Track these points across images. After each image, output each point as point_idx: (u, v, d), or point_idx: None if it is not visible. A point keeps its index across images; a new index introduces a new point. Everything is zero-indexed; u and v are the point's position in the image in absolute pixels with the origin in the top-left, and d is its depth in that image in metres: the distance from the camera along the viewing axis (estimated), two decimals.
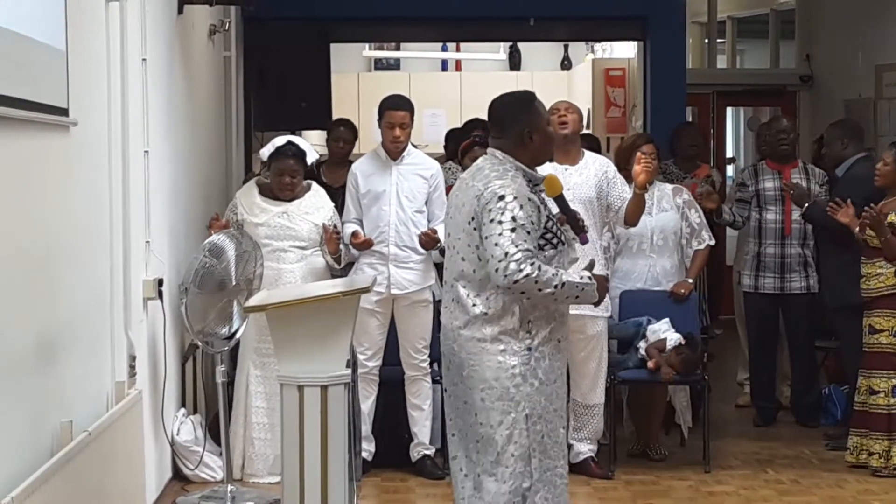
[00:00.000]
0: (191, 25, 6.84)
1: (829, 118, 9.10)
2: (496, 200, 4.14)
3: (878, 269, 6.36)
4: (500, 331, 4.21)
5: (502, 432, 4.23)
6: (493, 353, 4.22)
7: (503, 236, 4.09)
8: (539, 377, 4.24)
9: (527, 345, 4.22)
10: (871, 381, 6.39)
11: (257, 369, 6.24)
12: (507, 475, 4.24)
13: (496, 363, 4.22)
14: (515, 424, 4.22)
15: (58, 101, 4.16)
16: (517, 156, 4.30)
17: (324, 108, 8.46)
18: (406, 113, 6.35)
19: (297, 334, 4.51)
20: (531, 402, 4.23)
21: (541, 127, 4.34)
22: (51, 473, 3.81)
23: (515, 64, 13.50)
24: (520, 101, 4.41)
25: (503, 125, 4.36)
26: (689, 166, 8.05)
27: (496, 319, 4.21)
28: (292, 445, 4.47)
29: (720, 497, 6.10)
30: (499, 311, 4.20)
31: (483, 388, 4.24)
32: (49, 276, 4.15)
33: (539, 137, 4.32)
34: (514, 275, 4.05)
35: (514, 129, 4.31)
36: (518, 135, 4.30)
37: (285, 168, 6.27)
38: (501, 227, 4.10)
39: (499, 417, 4.23)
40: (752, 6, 12.36)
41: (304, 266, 6.25)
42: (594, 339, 6.33)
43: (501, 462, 4.24)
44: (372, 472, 6.35)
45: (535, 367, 4.23)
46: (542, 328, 4.24)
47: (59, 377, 4.24)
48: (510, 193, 4.15)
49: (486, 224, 4.14)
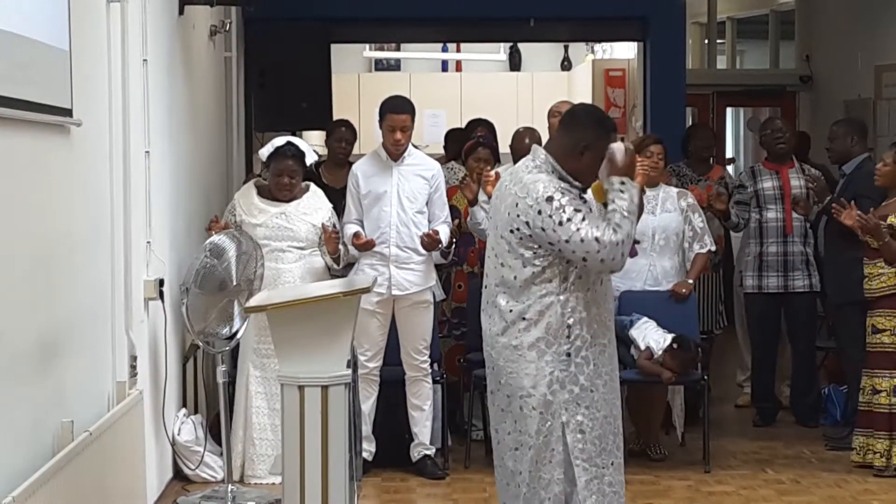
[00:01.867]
0: (191, 26, 6.85)
1: (828, 119, 9.10)
2: (546, 204, 4.08)
3: (880, 270, 6.37)
4: (538, 337, 4.16)
5: (539, 440, 4.18)
6: (529, 360, 4.16)
7: (581, 230, 4.04)
8: (580, 383, 4.17)
9: (566, 350, 4.16)
10: (873, 381, 6.40)
11: (257, 370, 6.25)
12: (545, 483, 4.18)
13: (533, 370, 4.16)
14: (552, 431, 4.17)
15: (62, 102, 4.17)
16: (561, 161, 4.21)
17: (324, 108, 8.46)
18: (408, 116, 6.35)
19: (298, 334, 4.51)
20: (569, 409, 4.16)
21: (598, 151, 4.19)
22: (52, 473, 3.82)
23: (516, 64, 13.51)
24: (600, 119, 4.33)
25: (570, 126, 4.27)
26: (703, 168, 8.05)
27: (533, 326, 4.16)
28: (293, 445, 4.48)
29: (720, 497, 6.11)
30: (535, 318, 4.15)
31: (521, 396, 4.19)
32: (50, 277, 4.16)
33: (590, 157, 4.19)
34: (616, 249, 4.04)
35: (576, 136, 4.22)
36: (575, 142, 4.20)
37: (284, 168, 6.28)
38: (572, 223, 4.05)
39: (535, 426, 4.18)
40: (752, 7, 12.37)
41: (302, 266, 6.26)
42: None
43: (541, 470, 4.19)
44: (372, 472, 6.36)
45: (575, 373, 4.16)
46: (583, 333, 4.18)
47: (61, 377, 4.25)
48: (554, 191, 4.09)
49: (555, 229, 4.07)
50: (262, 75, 8.33)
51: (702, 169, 8.04)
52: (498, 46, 13.20)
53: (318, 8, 8.76)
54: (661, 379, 6.45)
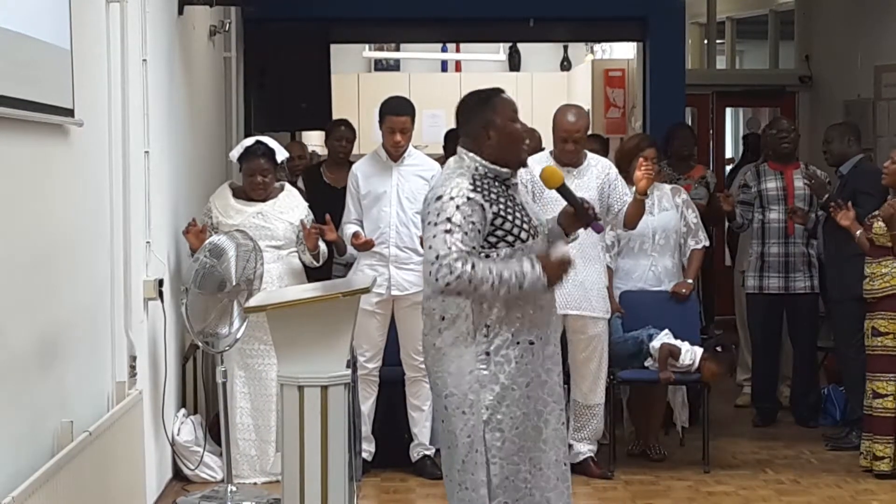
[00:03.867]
0: (191, 26, 6.85)
1: (828, 119, 9.11)
2: (434, 202, 4.07)
3: (884, 269, 6.32)
4: (456, 336, 4.12)
5: (464, 439, 4.15)
6: (451, 358, 4.13)
7: (437, 238, 3.99)
8: (501, 382, 4.12)
9: (484, 349, 4.12)
10: (874, 385, 6.34)
11: (241, 370, 6.23)
12: (473, 483, 4.14)
13: (455, 369, 4.13)
14: (475, 431, 4.13)
15: (64, 102, 4.16)
16: (480, 153, 4.16)
17: (324, 108, 8.47)
18: (407, 118, 6.35)
19: (298, 334, 4.51)
20: (490, 408, 4.12)
21: (498, 124, 4.14)
22: (51, 473, 3.81)
23: (515, 65, 13.51)
24: (479, 97, 4.25)
25: (463, 122, 4.26)
26: (683, 167, 8.04)
27: (451, 324, 4.13)
28: (292, 445, 4.47)
29: (719, 497, 6.11)
30: (453, 316, 4.12)
31: (446, 396, 4.17)
32: (50, 277, 4.16)
33: (497, 134, 4.14)
34: (446, 277, 3.94)
35: (473, 126, 4.18)
36: (476, 132, 4.16)
37: (256, 167, 6.27)
38: (436, 228, 4.01)
39: (460, 424, 4.14)
40: (752, 7, 12.36)
41: (280, 266, 6.24)
42: (595, 340, 6.33)
43: (467, 469, 4.15)
44: (372, 472, 6.36)
45: (495, 371, 4.12)
46: (503, 331, 4.12)
47: (60, 377, 4.25)
48: (447, 194, 4.05)
49: (425, 227, 4.08)
50: (261, 75, 8.33)
51: (682, 168, 8.03)
52: (497, 46, 13.20)
53: (317, 8, 8.76)
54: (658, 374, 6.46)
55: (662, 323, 6.63)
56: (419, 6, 8.97)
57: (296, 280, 6.28)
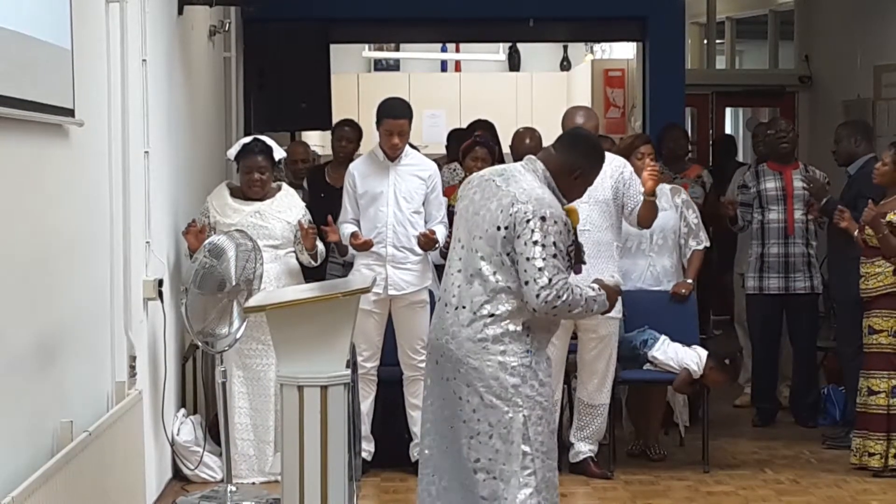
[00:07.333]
0: (191, 26, 6.85)
1: (828, 119, 9.11)
2: (539, 220, 4.13)
3: (877, 269, 6.37)
4: (502, 331, 4.19)
5: (500, 430, 4.18)
6: (493, 352, 4.19)
7: (546, 261, 4.11)
8: (539, 378, 4.22)
9: (526, 347, 4.21)
10: (869, 382, 6.39)
11: (239, 370, 6.23)
12: (507, 475, 4.17)
13: (496, 362, 4.19)
14: (512, 423, 4.17)
15: (64, 102, 4.17)
16: (555, 175, 4.32)
17: (324, 108, 8.47)
18: (405, 121, 6.33)
19: (297, 334, 4.51)
20: (530, 403, 4.20)
21: (589, 178, 4.42)
22: (51, 473, 3.81)
23: (515, 65, 13.52)
24: (597, 147, 4.49)
25: (571, 149, 4.39)
26: (677, 167, 8.04)
27: (498, 321, 4.19)
28: (292, 445, 4.47)
29: (719, 497, 6.11)
30: (505, 315, 4.19)
31: (483, 387, 4.19)
32: (50, 277, 4.16)
33: (580, 183, 4.39)
34: (555, 301, 4.10)
35: (573, 160, 4.34)
36: (570, 166, 4.33)
37: (253, 165, 6.27)
38: (545, 251, 4.11)
39: (498, 417, 4.18)
40: (751, 7, 12.37)
41: (277, 266, 6.24)
42: (606, 339, 6.35)
43: (502, 461, 4.17)
44: (371, 472, 6.36)
45: (535, 368, 4.22)
46: (538, 335, 4.26)
47: (60, 377, 4.25)
48: (553, 216, 4.16)
49: (528, 242, 4.12)
50: (261, 75, 8.33)
51: (677, 168, 8.03)
52: (497, 46, 13.21)
53: (317, 8, 8.76)
54: (658, 374, 6.50)
55: (661, 323, 6.63)
56: (419, 6, 8.97)
57: (293, 280, 6.28)
